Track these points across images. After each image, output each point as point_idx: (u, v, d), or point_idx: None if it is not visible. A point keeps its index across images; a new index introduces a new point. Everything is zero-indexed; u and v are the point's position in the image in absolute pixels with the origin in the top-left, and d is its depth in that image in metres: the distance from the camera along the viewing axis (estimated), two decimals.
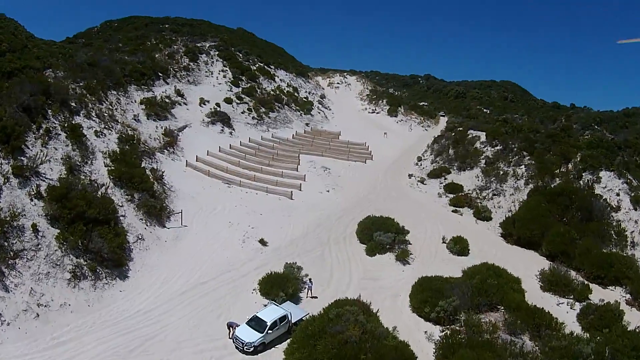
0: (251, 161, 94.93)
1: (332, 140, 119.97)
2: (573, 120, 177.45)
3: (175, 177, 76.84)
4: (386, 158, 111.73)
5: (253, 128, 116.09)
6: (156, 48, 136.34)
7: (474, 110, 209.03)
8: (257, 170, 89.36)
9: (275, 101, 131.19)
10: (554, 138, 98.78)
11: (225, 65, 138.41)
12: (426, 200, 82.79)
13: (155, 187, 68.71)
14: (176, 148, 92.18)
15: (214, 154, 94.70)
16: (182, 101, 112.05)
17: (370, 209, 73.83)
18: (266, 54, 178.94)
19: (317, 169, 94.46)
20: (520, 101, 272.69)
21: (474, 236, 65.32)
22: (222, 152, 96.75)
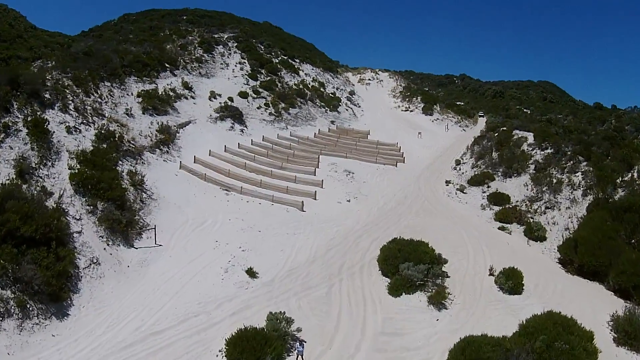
0: (261, 163, 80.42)
1: (359, 140, 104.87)
2: (624, 121, 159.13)
3: (163, 182, 63.35)
4: (420, 161, 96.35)
5: (269, 125, 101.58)
6: (169, 39, 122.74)
7: (513, 110, 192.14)
8: (266, 174, 75.02)
9: (297, 96, 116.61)
10: (612, 141, 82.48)
11: (243, 58, 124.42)
12: (467, 213, 67.14)
13: (130, 194, 55.11)
14: (172, 147, 78.52)
15: (217, 154, 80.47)
16: (190, 95, 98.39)
17: (399, 225, 58.80)
18: (292, 47, 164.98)
19: (338, 173, 79.41)
20: (559, 102, 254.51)
21: (527, 264, 49.17)
22: (228, 152, 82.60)
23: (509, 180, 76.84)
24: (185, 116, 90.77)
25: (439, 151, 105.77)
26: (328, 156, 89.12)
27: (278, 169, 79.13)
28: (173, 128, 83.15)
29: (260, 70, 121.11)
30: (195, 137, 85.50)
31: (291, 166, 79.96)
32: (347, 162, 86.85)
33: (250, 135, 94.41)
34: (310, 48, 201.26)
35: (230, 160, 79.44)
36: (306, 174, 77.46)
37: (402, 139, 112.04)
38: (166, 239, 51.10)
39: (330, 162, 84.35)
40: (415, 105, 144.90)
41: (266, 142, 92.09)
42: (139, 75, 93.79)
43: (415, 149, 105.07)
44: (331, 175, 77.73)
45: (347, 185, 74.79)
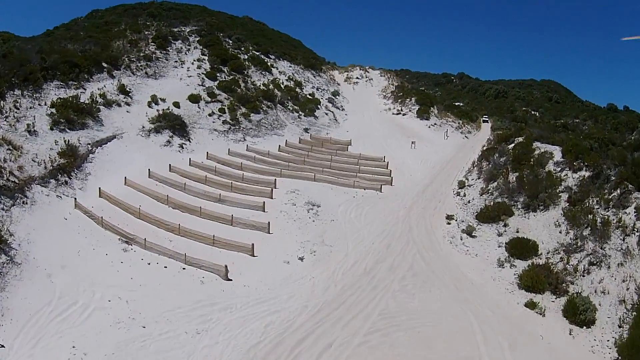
0: (194, 193, 57.31)
1: (336, 153, 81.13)
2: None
3: (41, 233, 43.32)
4: (413, 181, 72.49)
5: (221, 137, 78.20)
6: (122, 35, 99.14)
7: (520, 113, 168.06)
8: (194, 212, 51.67)
9: (264, 98, 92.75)
10: None
11: (204, 54, 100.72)
12: (478, 277, 43.30)
13: None
14: (77, 175, 57.21)
15: (134, 183, 57.83)
16: (125, 101, 76.14)
17: (372, 312, 35.23)
18: (272, 43, 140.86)
19: (298, 207, 55.83)
20: (566, 102, 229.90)
21: None
22: (153, 178, 60.05)
23: (534, 216, 52.82)
24: (110, 129, 68.77)
25: (438, 166, 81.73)
26: (290, 179, 65.65)
27: (214, 202, 55.60)
28: (85, 147, 60.89)
29: (222, 69, 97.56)
30: (116, 158, 63.71)
31: (233, 197, 56.49)
32: (315, 187, 63.26)
33: (192, 151, 71.13)
34: (296, 44, 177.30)
35: (150, 191, 56.25)
36: (252, 210, 54.17)
37: (392, 150, 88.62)
38: (13, 333, 30.17)
39: (290, 189, 60.79)
40: (408, 107, 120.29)
41: (210, 162, 68.58)
42: (64, 78, 73.32)
43: (408, 164, 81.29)
44: (286, 212, 54.15)
45: (307, 229, 51.01)
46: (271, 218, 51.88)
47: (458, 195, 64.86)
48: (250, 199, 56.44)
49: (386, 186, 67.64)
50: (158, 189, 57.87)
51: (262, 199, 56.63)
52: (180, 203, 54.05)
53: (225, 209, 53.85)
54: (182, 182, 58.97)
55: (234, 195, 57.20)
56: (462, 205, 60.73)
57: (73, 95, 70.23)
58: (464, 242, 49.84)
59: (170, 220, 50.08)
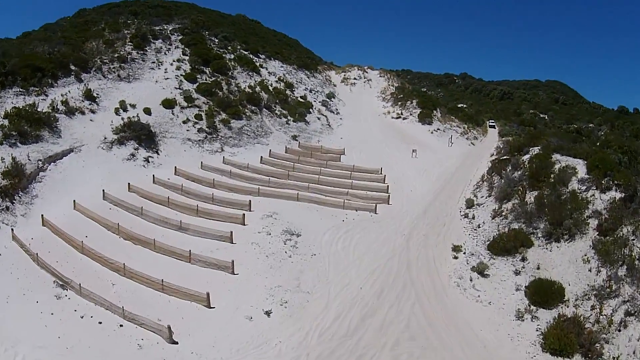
0: (151, 218, 47.86)
1: (327, 165, 71.72)
2: None
3: None
4: (414, 199, 62.98)
5: (196, 147, 68.98)
6: (99, 34, 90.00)
7: (527, 116, 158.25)
8: (146, 245, 42.49)
9: (248, 102, 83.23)
10: None
11: (185, 54, 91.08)
12: (492, 335, 33.97)
13: None
14: (21, 197, 50.28)
15: (83, 208, 48.85)
16: (90, 107, 67.34)
17: None
18: (265, 42, 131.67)
19: (273, 237, 46.34)
20: (574, 104, 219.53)
21: None
22: (107, 200, 50.94)
23: (557, 248, 43.37)
24: (68, 142, 60.25)
25: (442, 179, 72.17)
26: (270, 198, 56.32)
27: (175, 230, 46.42)
28: (35, 164, 51.89)
29: (204, 70, 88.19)
30: (70, 176, 55.43)
31: (197, 224, 47.04)
32: (297, 209, 53.95)
33: (159, 166, 61.97)
34: (292, 44, 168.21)
35: (100, 218, 47.38)
36: (217, 241, 44.96)
37: (391, 160, 79.24)
38: None
39: (267, 212, 51.41)
40: (409, 110, 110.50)
41: (178, 178, 59.22)
42: (24, 84, 65.17)
43: (408, 177, 71.87)
44: (258, 244, 44.66)
45: (281, 267, 41.50)
46: (238, 253, 42.59)
47: (466, 217, 55.30)
48: (217, 226, 47.07)
49: (382, 205, 58.19)
50: (111, 214, 48.65)
51: (232, 226, 47.28)
52: (132, 234, 44.74)
53: (184, 240, 44.60)
54: (140, 206, 49.57)
55: (198, 222, 47.83)
56: (471, 231, 51.19)
57: (30, 103, 61.39)
58: (474, 284, 40.32)
59: (116, 256, 41.02)
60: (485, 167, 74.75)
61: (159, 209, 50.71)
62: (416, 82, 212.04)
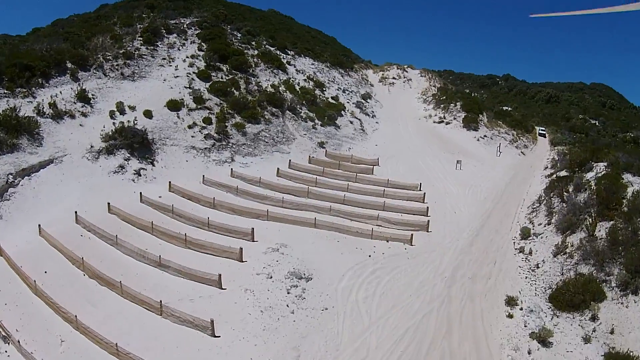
0: (126, 250, 38.34)
1: (356, 178, 61.06)
2: None
3: None
4: (457, 224, 51.81)
5: (201, 157, 59.23)
6: (108, 29, 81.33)
7: (576, 121, 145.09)
8: (112, 287, 32.93)
9: (269, 104, 73.23)
10: None
11: (201, 49, 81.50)
12: None
13: None
14: None
15: (49, 236, 40.12)
16: (82, 110, 58.77)
17: None
18: (299, 39, 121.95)
19: (275, 282, 36.21)
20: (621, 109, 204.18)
21: None
22: (80, 225, 42.00)
23: (635, 302, 32.13)
24: (49, 151, 51.74)
25: (490, 198, 60.92)
26: (280, 223, 46.15)
27: (154, 266, 36.65)
28: (4, 179, 43.39)
29: (220, 67, 78.41)
30: (45, 193, 47.22)
31: (181, 262, 36.78)
32: (313, 239, 43.72)
33: (152, 180, 52.33)
34: (328, 41, 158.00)
35: (65, 249, 37.80)
36: (203, 284, 34.98)
37: (432, 172, 68.60)
38: None
39: (274, 244, 41.29)
40: (453, 114, 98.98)
41: (172, 195, 49.41)
42: (10, 85, 57.78)
43: (452, 194, 60.99)
44: (254, 291, 34.57)
45: (277, 330, 31.23)
46: (226, 304, 32.61)
47: (521, 252, 44.00)
48: (207, 263, 37.13)
49: (420, 234, 47.35)
50: (81, 243, 39.22)
51: (226, 263, 37.29)
52: (96, 272, 35.04)
53: (162, 282, 34.90)
54: (115, 234, 39.82)
55: (184, 257, 37.91)
56: (529, 273, 40.04)
57: (10, 107, 52.43)
58: (533, 358, 29.38)
59: (74, 300, 32.14)
60: (540, 184, 64.12)
61: (139, 237, 40.99)
62: (458, 84, 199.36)
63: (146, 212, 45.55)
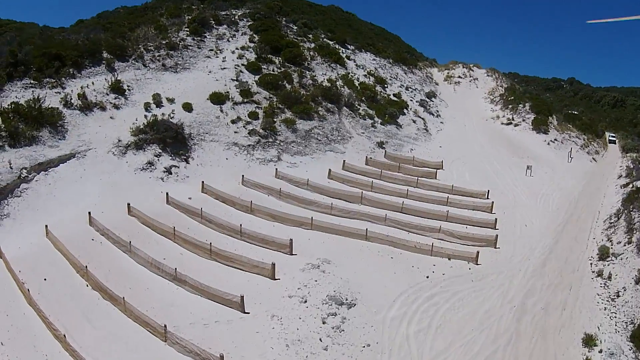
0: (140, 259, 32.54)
1: (417, 183, 53.92)
2: None
3: None
4: (528, 240, 43.96)
5: (243, 154, 53.40)
6: (153, 20, 76.72)
7: None
8: (116, 303, 26.89)
9: (324, 99, 66.86)
10: None
11: (252, 40, 75.77)
12: None
13: None
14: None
15: (55, 239, 35.15)
16: (114, 102, 54.54)
17: None
18: (359, 35, 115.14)
19: (310, 307, 29.54)
20: None
21: None
22: (93, 227, 36.63)
23: None
24: (72, 144, 46.88)
25: (563, 209, 52.79)
26: (325, 234, 39.49)
27: (169, 280, 30.84)
28: (16, 173, 38.79)
29: (272, 59, 72.36)
30: (61, 190, 42.17)
31: (198, 277, 30.49)
32: (361, 255, 37.10)
33: (185, 179, 46.70)
34: (391, 39, 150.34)
35: (70, 255, 32.43)
36: (223, 305, 28.57)
37: (500, 178, 60.91)
38: None
39: (314, 260, 34.66)
40: (521, 116, 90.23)
41: (206, 197, 43.55)
42: (37, 75, 52.99)
43: (521, 203, 53.28)
44: (282, 318, 28.19)
45: None
46: (246, 333, 26.32)
47: (599, 276, 35.89)
48: (232, 278, 30.87)
49: (487, 250, 40.01)
50: (91, 247, 33.74)
51: (256, 280, 31.02)
52: (100, 285, 29.31)
53: (176, 300, 28.96)
54: (129, 240, 34.02)
55: (205, 270, 31.77)
56: (608, 303, 32.17)
57: (34, 97, 47.72)
58: None
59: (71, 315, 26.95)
60: (615, 194, 56.00)
61: (158, 245, 35.19)
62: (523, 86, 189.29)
63: (172, 215, 39.72)
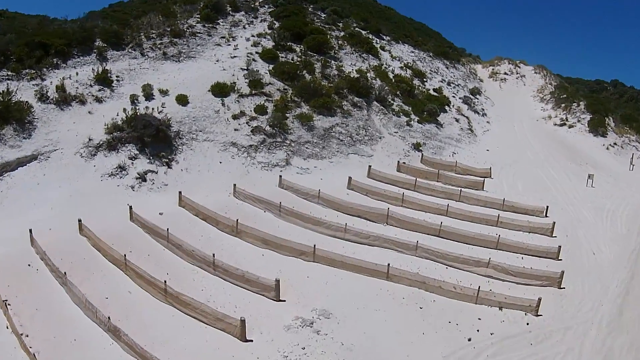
0: (76, 298, 22.21)
1: (460, 197, 43.12)
2: None
3: None
4: (598, 273, 32.85)
5: (243, 156, 43.80)
6: (167, 7, 67.99)
7: None
8: None
9: (350, 92, 56.93)
10: None
11: (271, 27, 66.03)
12: None
13: None
14: None
15: None
16: (97, 95, 46.37)
17: None
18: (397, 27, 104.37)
19: None
20: None
21: None
22: (35, 248, 25.52)
23: None
24: (37, 144, 38.59)
25: (635, 231, 41.02)
26: (332, 268, 29.12)
27: (103, 329, 20.60)
28: None
29: (293, 47, 62.43)
30: (12, 200, 33.85)
31: (149, 325, 20.49)
32: (380, 300, 26.84)
33: (162, 188, 37.25)
34: (431, 34, 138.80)
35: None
36: None
37: (557, 189, 49.78)
38: None
39: (309, 310, 24.57)
40: (576, 116, 77.98)
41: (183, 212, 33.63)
42: (17, 66, 45.76)
43: (585, 222, 42.13)
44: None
45: None
46: None
47: None
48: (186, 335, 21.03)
49: (549, 293, 29.24)
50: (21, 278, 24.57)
51: (215, 342, 21.11)
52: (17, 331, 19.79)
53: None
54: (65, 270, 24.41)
55: (153, 319, 21.97)
56: None
57: (4, 90, 39.36)
58: None
59: None
60: None
61: (104, 278, 25.71)
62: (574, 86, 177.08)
63: (133, 235, 30.00)
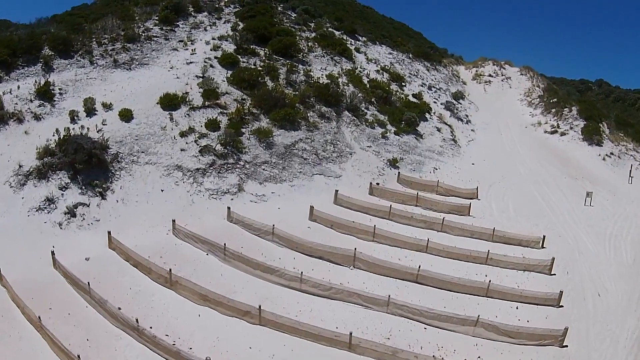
0: None
1: (442, 225, 37.34)
2: None
3: None
4: (606, 328, 27.29)
5: (188, 182, 37.43)
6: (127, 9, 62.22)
7: None
8: None
9: (318, 100, 51.24)
10: None
11: (234, 29, 60.12)
12: None
13: None
14: None
15: None
16: (35, 111, 41.34)
17: None
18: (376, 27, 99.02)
19: None
20: None
21: None
22: None
23: None
24: None
25: None
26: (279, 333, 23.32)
27: None
28: None
29: (256, 50, 56.45)
30: None
31: None
32: None
33: (94, 224, 31.21)
34: (412, 34, 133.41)
35: None
36: None
37: (554, 211, 44.03)
38: None
39: None
40: (568, 122, 72.16)
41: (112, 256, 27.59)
42: None
43: (586, 251, 36.71)
44: None
45: None
46: None
47: None
48: None
49: (550, 352, 23.93)
50: None
51: None
52: None
53: None
54: None
55: None
56: None
57: None
58: None
59: None
60: None
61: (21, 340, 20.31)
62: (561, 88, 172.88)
63: (54, 287, 24.41)
